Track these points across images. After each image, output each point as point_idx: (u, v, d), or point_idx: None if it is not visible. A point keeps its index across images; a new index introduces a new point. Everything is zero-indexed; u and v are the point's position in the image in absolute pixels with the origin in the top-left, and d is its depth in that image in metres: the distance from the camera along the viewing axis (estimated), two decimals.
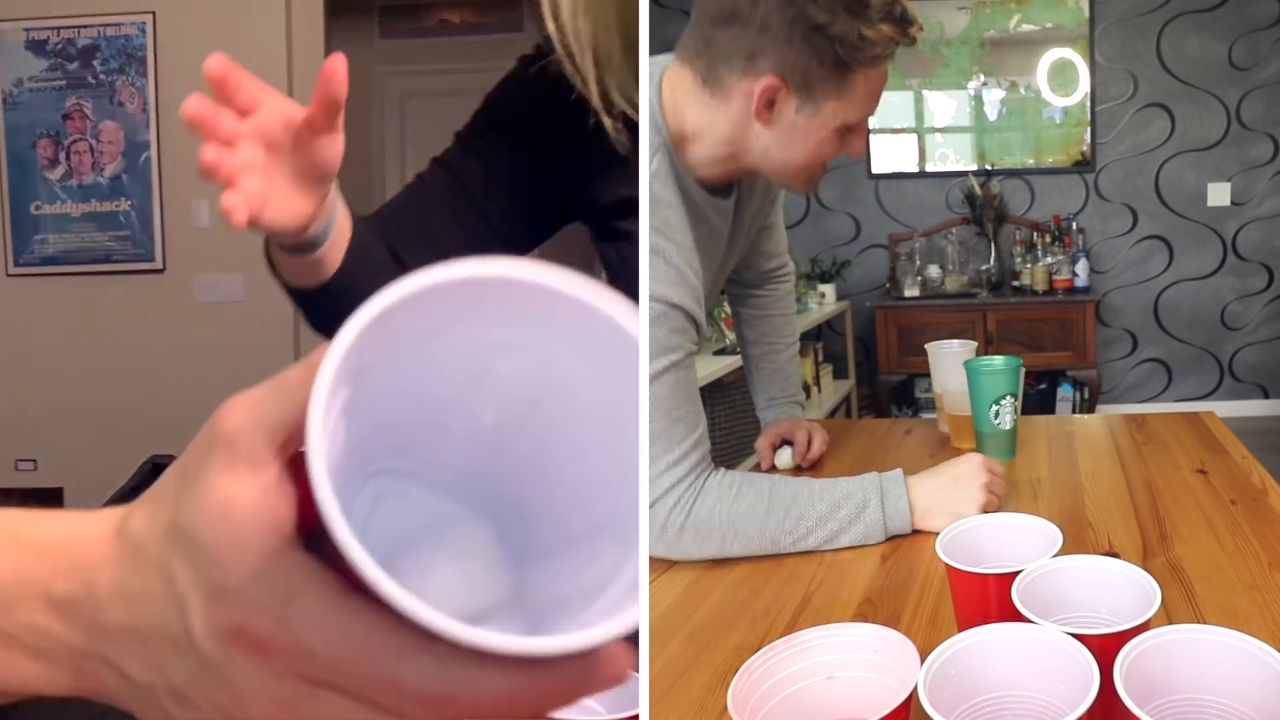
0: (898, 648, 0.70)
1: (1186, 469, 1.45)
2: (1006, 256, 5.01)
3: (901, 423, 1.90)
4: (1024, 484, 1.42)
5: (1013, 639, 0.69)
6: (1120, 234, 5.05)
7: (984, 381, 1.50)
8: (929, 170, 5.14)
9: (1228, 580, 1.03)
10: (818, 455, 1.57)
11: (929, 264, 4.97)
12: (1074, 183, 5.05)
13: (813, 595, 1.08)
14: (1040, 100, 5.02)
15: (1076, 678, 0.64)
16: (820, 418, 3.61)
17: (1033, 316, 4.73)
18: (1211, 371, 5.11)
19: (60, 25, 3.98)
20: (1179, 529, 1.19)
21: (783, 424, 1.62)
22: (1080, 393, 4.79)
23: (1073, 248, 4.86)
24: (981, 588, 0.84)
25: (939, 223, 5.11)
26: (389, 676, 0.37)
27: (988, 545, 0.90)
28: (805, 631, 0.73)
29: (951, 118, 5.12)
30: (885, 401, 4.88)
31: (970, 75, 5.04)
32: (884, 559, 1.16)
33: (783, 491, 1.18)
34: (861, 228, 5.23)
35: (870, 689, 0.71)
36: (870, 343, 5.00)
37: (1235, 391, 5.09)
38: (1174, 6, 4.87)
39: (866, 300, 5.04)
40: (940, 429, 1.71)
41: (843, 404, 4.62)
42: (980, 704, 0.69)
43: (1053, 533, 0.88)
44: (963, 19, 5.00)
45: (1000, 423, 1.50)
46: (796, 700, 0.71)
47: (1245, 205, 4.95)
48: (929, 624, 0.99)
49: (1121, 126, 4.99)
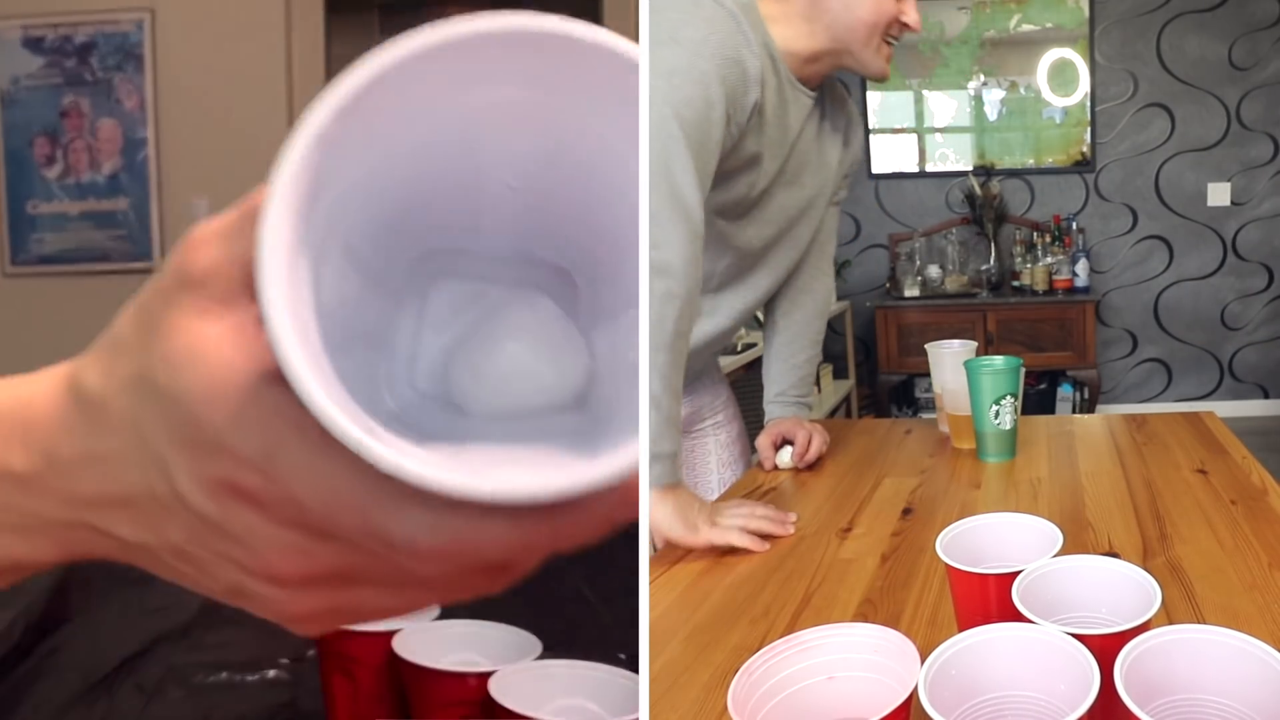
0: (898, 648, 0.70)
1: (1186, 469, 1.45)
2: (1006, 256, 5.01)
3: (901, 423, 1.90)
4: (1024, 484, 1.42)
5: (1013, 639, 0.69)
6: (1120, 234, 5.05)
7: (984, 381, 1.50)
8: (929, 170, 5.14)
9: (1228, 580, 1.03)
10: (816, 456, 1.57)
11: (929, 264, 4.97)
12: (1074, 183, 5.05)
13: (813, 595, 1.08)
14: (1040, 100, 5.02)
15: (1076, 678, 0.64)
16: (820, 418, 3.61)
17: (1033, 316, 4.73)
18: (1211, 371, 5.11)
19: (57, 22, 3.97)
20: (1179, 529, 1.19)
21: (785, 423, 1.62)
22: (1080, 393, 4.79)
23: (1073, 248, 4.86)
24: (981, 588, 0.84)
25: (939, 223, 5.11)
26: (378, 529, 0.34)
27: (988, 545, 0.90)
28: (805, 631, 0.73)
29: (951, 118, 5.12)
30: (885, 401, 4.88)
31: (970, 75, 5.04)
32: (884, 559, 1.16)
33: None
34: (861, 228, 5.23)
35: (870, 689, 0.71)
36: (870, 343, 5.00)
37: (1235, 391, 5.09)
38: (1174, 6, 4.87)
39: (866, 300, 5.04)
40: (940, 429, 1.71)
41: (843, 404, 4.62)
42: (980, 704, 0.69)
43: (1053, 533, 0.88)
44: (963, 19, 5.00)
45: (1000, 423, 1.50)
46: (796, 700, 0.71)
47: (1245, 205, 4.95)
48: (929, 624, 0.99)
49: (1121, 126, 4.99)
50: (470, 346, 0.39)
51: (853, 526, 1.29)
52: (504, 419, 0.39)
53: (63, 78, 3.99)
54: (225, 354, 0.35)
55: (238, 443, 0.34)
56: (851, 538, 1.25)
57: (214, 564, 0.37)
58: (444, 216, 0.40)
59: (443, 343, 0.40)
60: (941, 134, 5.14)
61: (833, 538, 1.25)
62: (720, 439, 1.69)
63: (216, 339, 0.35)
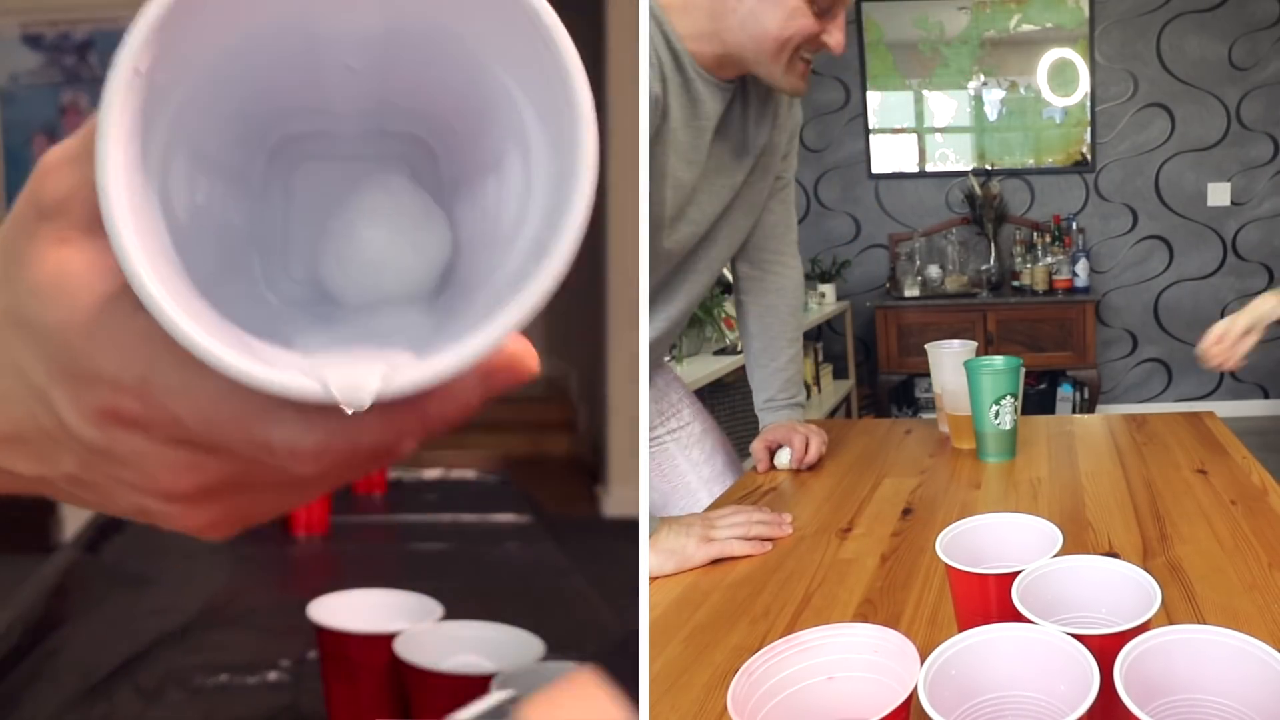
0: (898, 648, 0.70)
1: (1186, 469, 1.45)
2: (1006, 256, 5.01)
3: (901, 423, 1.90)
4: (1024, 484, 1.42)
5: (1013, 639, 0.69)
6: (1120, 234, 5.05)
7: (984, 381, 1.50)
8: (929, 170, 5.14)
9: (1228, 580, 1.03)
10: (815, 459, 1.57)
11: (929, 264, 4.97)
12: (1074, 183, 5.05)
13: (813, 595, 1.08)
14: (1040, 100, 5.02)
15: (1076, 678, 0.64)
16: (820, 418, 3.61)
17: (1033, 316, 4.73)
18: (1211, 371, 5.10)
19: (56, 20, 3.96)
20: (1179, 529, 1.19)
21: (779, 429, 1.60)
22: (1080, 393, 4.78)
23: (1073, 248, 4.86)
24: (981, 588, 0.84)
25: (939, 223, 5.11)
26: (258, 438, 0.35)
27: (988, 545, 0.90)
28: (805, 632, 0.73)
29: (951, 118, 5.12)
30: (885, 401, 4.88)
31: (970, 75, 5.04)
32: (884, 559, 1.16)
33: None
34: (861, 228, 5.23)
35: (870, 689, 0.71)
36: (870, 343, 5.00)
37: (1235, 391, 5.09)
38: (1174, 6, 4.87)
39: (866, 300, 5.04)
40: (940, 429, 1.71)
41: (843, 404, 4.62)
42: (980, 704, 0.69)
43: (1053, 533, 0.88)
44: (963, 19, 5.00)
45: (1000, 423, 1.50)
46: (796, 701, 0.71)
47: (1245, 205, 4.95)
48: (929, 624, 0.99)
49: (1121, 126, 4.99)
50: (334, 234, 0.39)
51: (852, 527, 1.29)
52: (373, 305, 0.39)
53: (62, 75, 3.99)
54: (89, 281, 0.34)
55: (112, 369, 0.35)
56: (851, 538, 1.25)
57: (111, 489, 0.38)
58: (291, 102, 0.39)
59: (309, 233, 0.40)
60: (941, 134, 5.14)
61: (832, 538, 1.25)
62: (682, 440, 1.63)
63: (79, 267, 0.35)
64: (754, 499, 1.43)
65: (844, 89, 5.17)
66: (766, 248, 1.61)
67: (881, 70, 5.12)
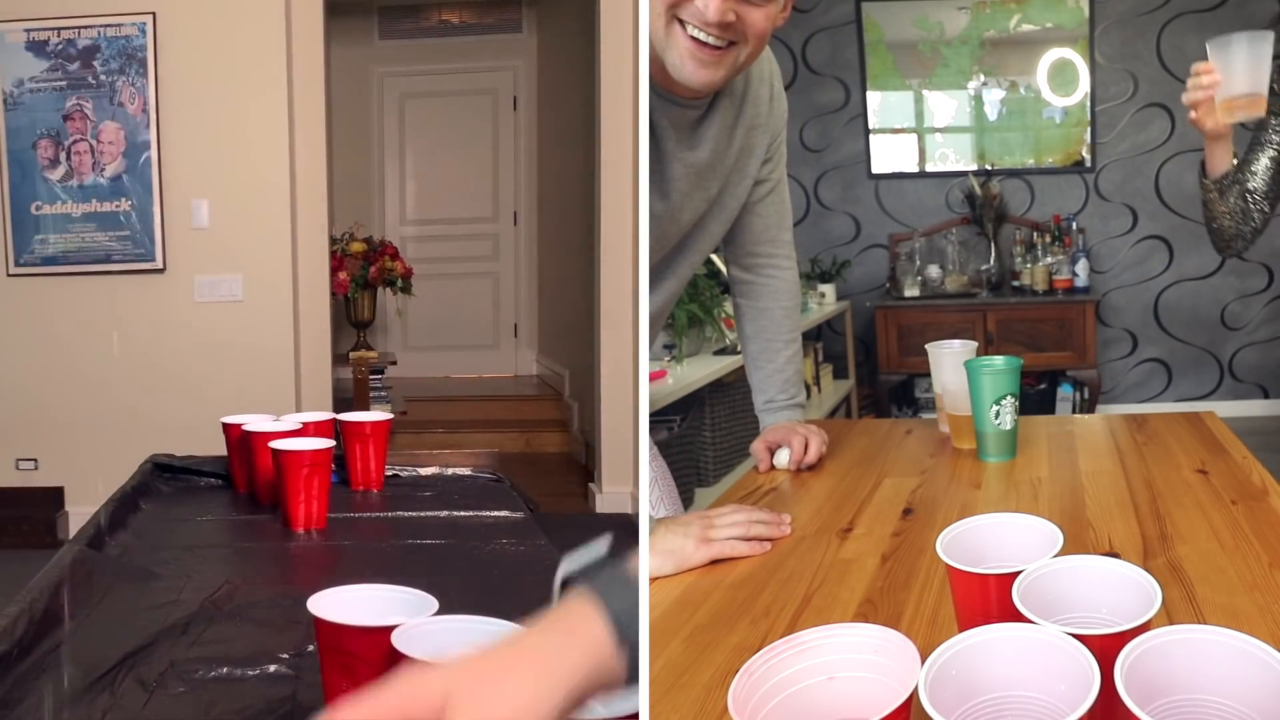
0: (898, 648, 0.70)
1: (1187, 469, 1.44)
2: (1006, 256, 5.01)
3: (902, 423, 1.90)
4: (1024, 484, 1.42)
5: (1013, 639, 0.69)
6: (1120, 234, 5.05)
7: (984, 381, 1.50)
8: (929, 170, 5.14)
9: (1228, 580, 1.03)
10: (815, 459, 1.57)
11: (929, 264, 4.97)
12: (1074, 183, 5.05)
13: (813, 595, 1.08)
14: (1040, 100, 5.02)
15: (1077, 678, 0.64)
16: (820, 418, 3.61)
17: (1033, 316, 4.74)
18: (1211, 371, 5.11)
19: (61, 26, 3.97)
20: (1179, 529, 1.19)
21: (779, 430, 1.61)
22: (1080, 393, 4.79)
23: (1073, 248, 4.86)
24: (982, 588, 0.84)
25: (939, 223, 5.11)
26: None
27: (988, 545, 0.90)
28: (805, 632, 0.73)
29: (951, 118, 5.12)
30: (885, 401, 4.88)
31: (970, 75, 5.05)
32: (884, 559, 1.16)
33: None
34: (861, 228, 5.23)
35: (871, 689, 0.71)
36: (870, 343, 5.00)
37: (1235, 391, 5.09)
38: (1174, 6, 4.87)
39: (866, 300, 5.04)
40: (940, 429, 1.71)
41: (843, 404, 4.63)
42: (981, 704, 0.69)
43: (1053, 533, 0.88)
44: (963, 19, 5.00)
45: (1000, 423, 1.50)
46: (797, 701, 0.71)
47: None
48: (929, 624, 0.99)
49: (1121, 126, 4.99)
50: None
51: (853, 527, 1.29)
52: None
53: (66, 80, 3.99)
54: None
55: None
56: (852, 538, 1.25)
57: None
58: None
59: None
60: (941, 134, 5.14)
61: (833, 538, 1.25)
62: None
63: None
64: (754, 499, 1.44)
65: (844, 89, 5.17)
66: (758, 251, 1.61)
67: (881, 70, 5.13)
